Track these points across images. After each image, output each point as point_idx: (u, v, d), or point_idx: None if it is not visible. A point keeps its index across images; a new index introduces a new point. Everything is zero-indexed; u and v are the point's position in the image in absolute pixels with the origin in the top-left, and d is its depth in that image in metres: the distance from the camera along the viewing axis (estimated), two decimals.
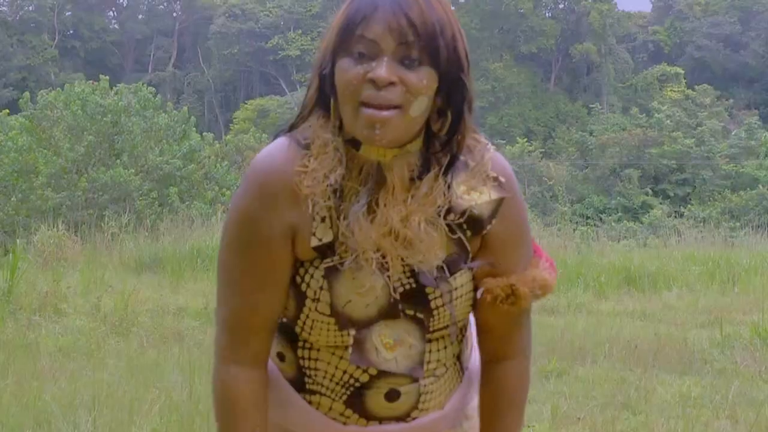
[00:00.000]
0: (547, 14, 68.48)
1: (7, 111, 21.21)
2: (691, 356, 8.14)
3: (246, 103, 61.79)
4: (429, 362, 1.90)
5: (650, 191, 38.85)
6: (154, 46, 74.27)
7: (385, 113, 1.68)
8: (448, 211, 1.81)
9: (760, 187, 35.04)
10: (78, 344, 7.83)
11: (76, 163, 17.89)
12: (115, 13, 79.09)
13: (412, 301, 1.83)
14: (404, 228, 1.77)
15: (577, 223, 26.39)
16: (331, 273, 1.80)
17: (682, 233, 21.07)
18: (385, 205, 1.77)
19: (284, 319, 1.90)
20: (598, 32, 63.45)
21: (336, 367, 1.88)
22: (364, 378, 1.87)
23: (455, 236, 1.83)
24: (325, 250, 1.80)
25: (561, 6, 68.74)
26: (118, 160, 18.13)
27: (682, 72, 61.83)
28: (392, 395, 1.89)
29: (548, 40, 64.60)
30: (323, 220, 1.78)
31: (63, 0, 70.87)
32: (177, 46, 74.22)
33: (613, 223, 30.91)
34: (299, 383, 1.93)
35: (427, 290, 1.83)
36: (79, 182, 17.28)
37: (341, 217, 1.77)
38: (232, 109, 63.93)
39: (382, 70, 1.67)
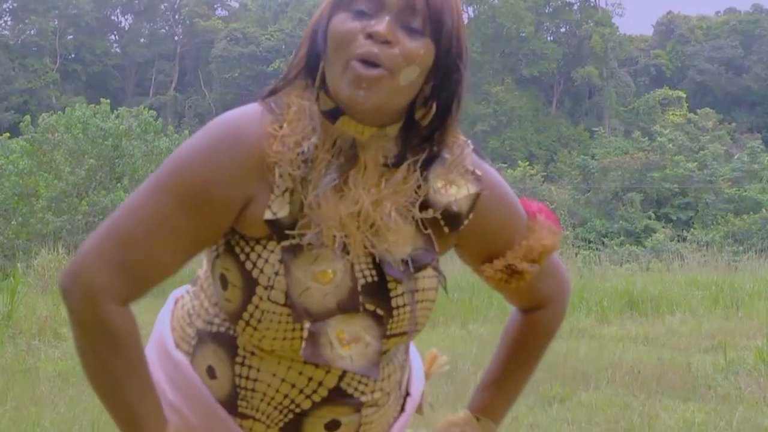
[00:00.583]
0: (548, 38, 68.76)
1: (8, 134, 21.17)
2: (695, 382, 8.07)
3: None
4: (385, 375, 1.81)
5: (653, 215, 38.85)
6: (156, 70, 74.48)
7: (374, 72, 1.59)
8: (424, 205, 1.74)
9: (764, 210, 35.02)
10: (77, 369, 7.61)
11: (76, 186, 17.85)
12: (116, 36, 79.38)
13: (373, 296, 1.72)
14: (374, 212, 1.69)
15: (579, 247, 26.28)
16: (288, 255, 1.67)
17: (685, 257, 21.03)
18: (355, 185, 1.68)
19: (219, 328, 1.77)
20: (599, 56, 63.68)
21: (277, 390, 1.74)
22: (306, 404, 1.75)
23: (425, 232, 1.77)
24: (278, 228, 1.67)
25: (563, 30, 69.08)
26: (119, 184, 18.10)
27: (684, 95, 62.04)
28: (332, 425, 1.78)
29: (550, 64, 64.80)
30: (282, 193, 1.66)
31: (65, 23, 71.19)
32: (178, 70, 74.44)
33: (615, 247, 30.88)
34: (230, 405, 1.78)
35: (389, 286, 1.73)
36: (80, 206, 17.23)
37: (309, 188, 1.66)
38: None
39: (383, 25, 1.60)
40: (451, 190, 1.77)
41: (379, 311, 1.73)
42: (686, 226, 37.34)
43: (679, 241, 31.82)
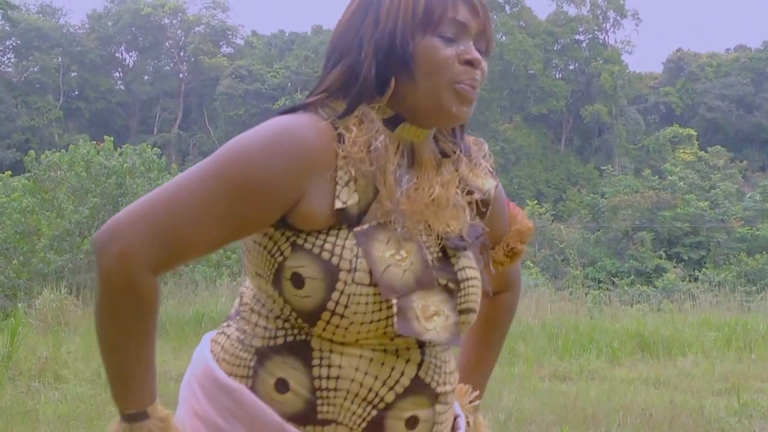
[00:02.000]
0: (557, 75, 69.07)
1: (10, 172, 21.10)
2: (708, 425, 8.02)
3: None
4: (453, 369, 1.91)
5: (664, 254, 38.66)
6: (160, 107, 74.66)
7: (474, 93, 1.81)
8: (469, 191, 1.92)
9: None
10: (78, 411, 7.67)
11: (79, 225, 17.72)
12: (120, 74, 79.50)
13: (443, 270, 1.83)
14: (446, 193, 1.84)
15: (589, 287, 26.21)
16: (363, 239, 1.74)
17: (696, 297, 20.92)
18: (421, 180, 1.83)
19: (287, 338, 1.78)
20: (609, 93, 63.91)
21: (361, 384, 1.75)
22: (390, 397, 1.77)
23: (473, 212, 1.94)
24: (347, 216, 1.74)
25: (571, 67, 69.38)
26: None
27: (695, 133, 62.14)
28: (412, 422, 1.81)
29: (559, 102, 65.03)
30: (347, 183, 1.74)
31: (68, 61, 71.43)
32: (183, 107, 74.69)
33: (625, 287, 30.65)
34: (307, 415, 1.77)
35: (452, 261, 1.85)
36: (82, 245, 17.08)
37: (380, 179, 1.77)
38: None
39: (476, 53, 1.80)
40: (480, 181, 1.96)
41: (451, 285, 1.82)
42: (698, 266, 37.10)
43: (690, 281, 31.56)
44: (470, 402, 2.24)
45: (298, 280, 1.73)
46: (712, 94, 68.05)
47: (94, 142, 19.96)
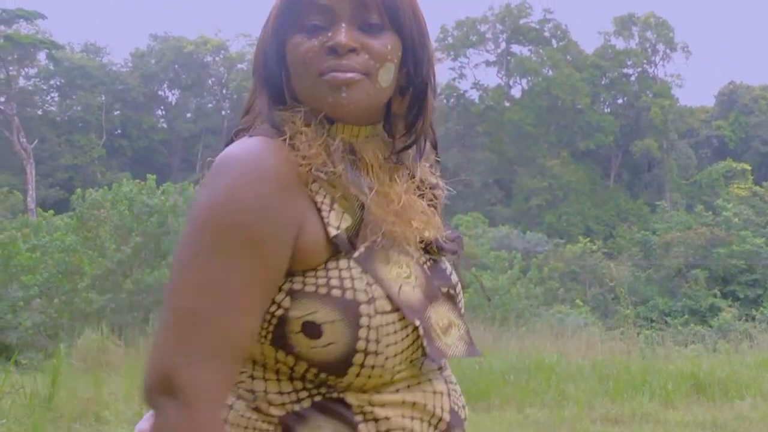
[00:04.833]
0: (605, 110, 68.75)
1: (53, 212, 21.22)
2: None
3: None
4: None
5: (718, 293, 38.22)
6: (202, 145, 74.90)
7: (350, 74, 1.56)
8: (431, 187, 1.77)
9: None
10: None
11: (121, 264, 17.70)
12: (163, 111, 79.98)
13: (439, 278, 1.71)
14: (412, 204, 1.67)
15: (641, 326, 25.91)
16: (367, 263, 1.57)
17: (754, 337, 20.63)
18: (380, 185, 1.64)
19: (315, 398, 1.57)
20: (659, 128, 63.50)
21: (412, 430, 1.60)
22: None
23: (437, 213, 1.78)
24: (343, 242, 1.56)
25: (620, 101, 69.03)
26: (164, 261, 17.87)
27: (749, 168, 61.36)
28: None
29: (607, 136, 64.66)
30: (331, 206, 1.57)
31: (111, 99, 72.03)
32: (225, 145, 75.20)
33: (679, 327, 30.32)
34: None
35: (442, 266, 1.74)
36: (124, 284, 17.07)
37: (350, 191, 1.59)
38: None
39: (341, 35, 1.56)
40: (432, 178, 1.80)
41: (451, 291, 1.72)
42: (754, 305, 36.53)
43: (747, 320, 31.00)
44: None
45: (313, 330, 1.52)
46: (766, 128, 67.34)
47: (137, 181, 20.01)
